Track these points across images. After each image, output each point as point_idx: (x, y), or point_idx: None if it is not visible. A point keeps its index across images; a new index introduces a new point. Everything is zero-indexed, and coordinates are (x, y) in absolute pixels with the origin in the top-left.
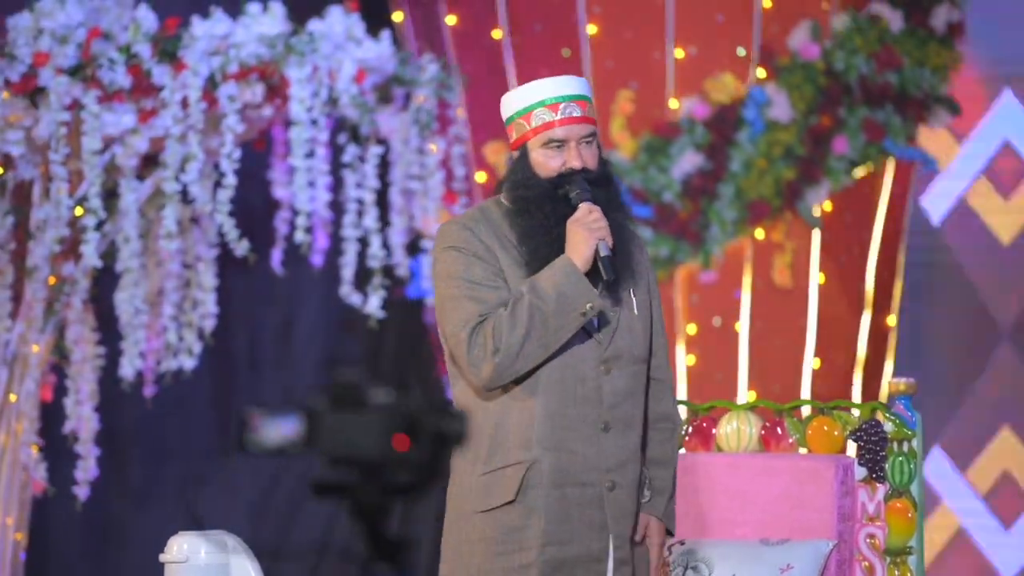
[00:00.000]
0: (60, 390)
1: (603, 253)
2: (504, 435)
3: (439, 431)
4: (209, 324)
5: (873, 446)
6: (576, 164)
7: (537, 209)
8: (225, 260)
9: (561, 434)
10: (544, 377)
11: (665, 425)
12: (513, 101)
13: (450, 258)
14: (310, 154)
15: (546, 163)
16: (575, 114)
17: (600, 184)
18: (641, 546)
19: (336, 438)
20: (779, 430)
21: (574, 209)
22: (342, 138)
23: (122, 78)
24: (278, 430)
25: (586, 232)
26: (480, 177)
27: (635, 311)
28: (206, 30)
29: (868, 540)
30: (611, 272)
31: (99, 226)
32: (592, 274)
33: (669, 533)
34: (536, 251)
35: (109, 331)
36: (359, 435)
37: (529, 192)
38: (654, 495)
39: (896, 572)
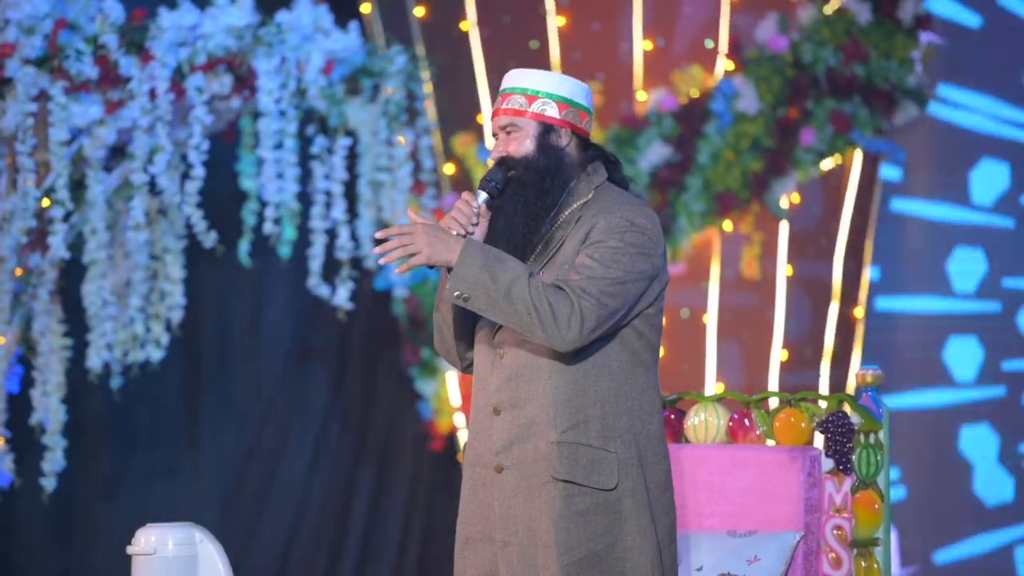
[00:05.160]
0: (27, 381)
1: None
2: None
3: None
4: (176, 316)
5: (840, 438)
6: (493, 155)
7: None
8: (193, 252)
9: (474, 416)
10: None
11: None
12: None
13: None
14: (278, 145)
15: None
16: (499, 106)
17: (517, 170)
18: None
19: None
20: (747, 422)
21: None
22: (310, 129)
23: (89, 69)
24: None
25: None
26: (448, 169)
27: None
28: (173, 21)
29: (835, 532)
30: None
31: (66, 217)
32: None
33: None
34: None
35: (76, 322)
36: None
37: None
38: None
39: (863, 564)
